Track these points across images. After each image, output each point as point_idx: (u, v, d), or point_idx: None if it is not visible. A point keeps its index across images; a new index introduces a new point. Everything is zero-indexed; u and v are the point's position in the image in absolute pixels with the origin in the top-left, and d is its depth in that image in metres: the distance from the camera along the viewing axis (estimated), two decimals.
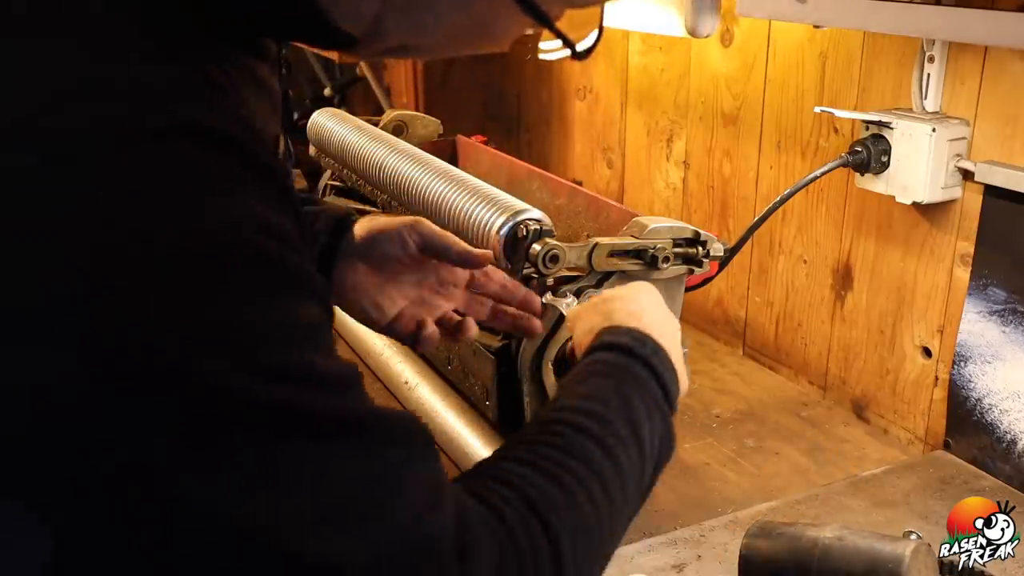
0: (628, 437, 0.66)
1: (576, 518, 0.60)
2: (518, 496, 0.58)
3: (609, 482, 0.63)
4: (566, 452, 0.63)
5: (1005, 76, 1.13)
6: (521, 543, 0.56)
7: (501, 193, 1.14)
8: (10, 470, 0.44)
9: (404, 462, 0.52)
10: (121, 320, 0.43)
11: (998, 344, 1.17)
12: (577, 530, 0.59)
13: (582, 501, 0.61)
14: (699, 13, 1.34)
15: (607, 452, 0.64)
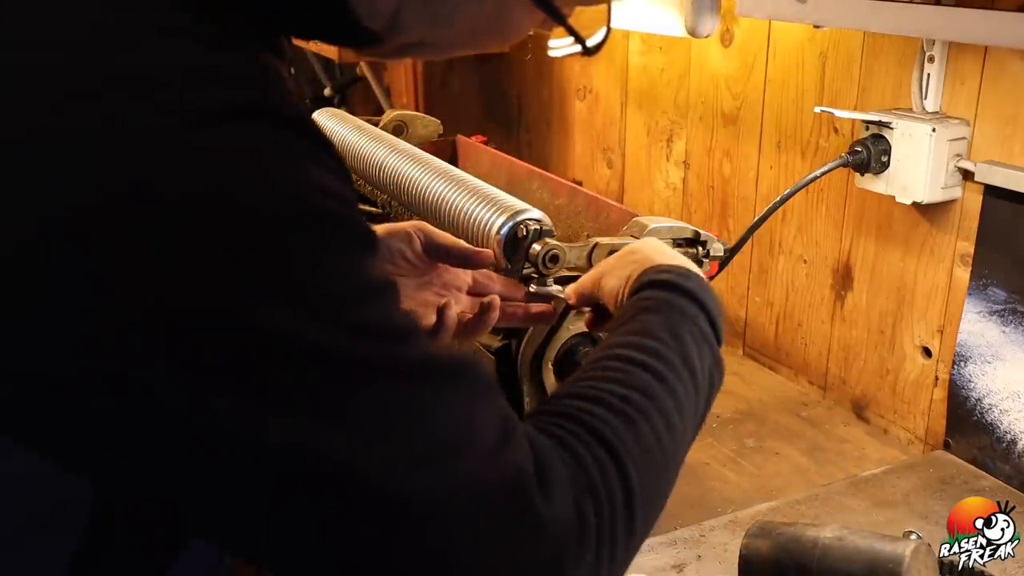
0: (682, 369, 0.68)
1: (641, 449, 0.61)
2: (586, 430, 0.60)
3: (669, 413, 0.65)
4: (627, 385, 0.64)
5: (1005, 76, 1.13)
6: (593, 474, 0.58)
7: (501, 193, 1.14)
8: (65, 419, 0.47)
9: (472, 400, 0.54)
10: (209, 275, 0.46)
11: (998, 344, 1.17)
12: (643, 460, 0.61)
13: (645, 432, 0.62)
14: (699, 13, 1.34)
15: (665, 384, 0.66)
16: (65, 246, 0.45)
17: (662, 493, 0.65)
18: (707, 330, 0.73)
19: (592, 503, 0.57)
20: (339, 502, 0.49)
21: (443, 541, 0.51)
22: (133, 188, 0.45)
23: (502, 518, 0.52)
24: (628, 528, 0.59)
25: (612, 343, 0.70)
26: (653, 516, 0.63)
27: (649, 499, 0.61)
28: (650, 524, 0.63)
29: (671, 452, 0.64)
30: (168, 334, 0.46)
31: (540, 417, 0.61)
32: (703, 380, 0.70)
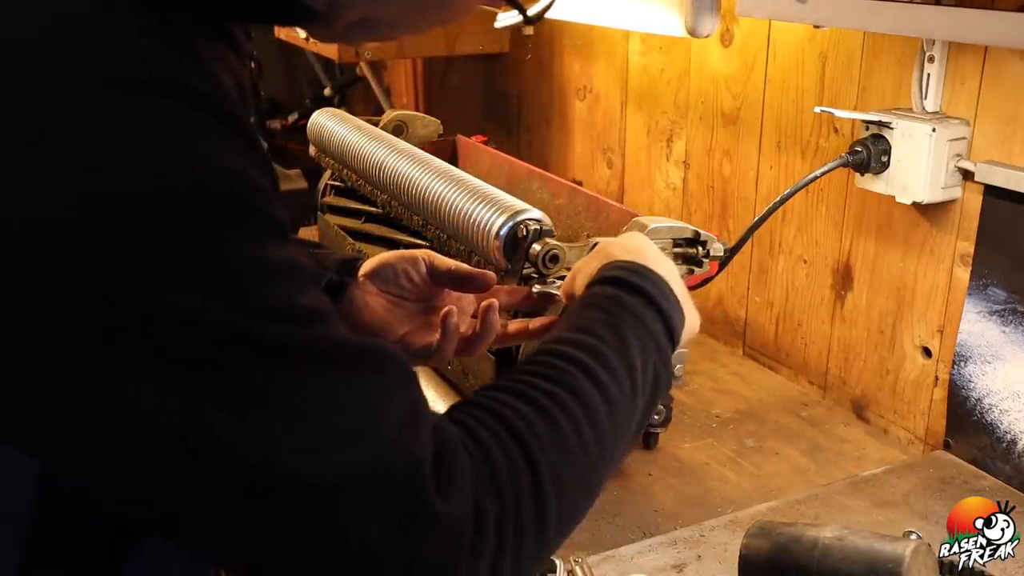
0: (619, 367, 0.67)
1: (559, 447, 0.61)
2: (501, 425, 0.60)
3: (597, 412, 0.64)
4: (552, 380, 0.64)
5: (1005, 76, 1.13)
6: (500, 470, 0.57)
7: (501, 193, 1.14)
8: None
9: (381, 387, 0.54)
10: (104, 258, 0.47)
11: (998, 344, 1.17)
12: (559, 455, 0.60)
13: (564, 427, 0.62)
14: (699, 13, 1.34)
15: (597, 382, 0.65)
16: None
17: (584, 491, 0.64)
18: (656, 328, 0.72)
19: (495, 499, 0.56)
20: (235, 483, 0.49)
21: (337, 525, 0.51)
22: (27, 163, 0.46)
23: (395, 508, 0.52)
24: (537, 526, 0.59)
25: (551, 339, 0.70)
26: (573, 514, 0.63)
27: (565, 498, 0.61)
28: (569, 521, 0.63)
29: (596, 451, 0.64)
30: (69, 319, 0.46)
31: (462, 409, 0.61)
32: (645, 379, 0.69)
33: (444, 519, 0.54)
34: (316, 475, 0.50)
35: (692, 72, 1.64)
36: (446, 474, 0.55)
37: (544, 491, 0.59)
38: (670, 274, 0.77)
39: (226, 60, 0.59)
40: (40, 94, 0.47)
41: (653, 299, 0.73)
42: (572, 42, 1.96)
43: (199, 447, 0.48)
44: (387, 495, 0.52)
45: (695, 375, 1.50)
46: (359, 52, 2.04)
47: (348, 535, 0.51)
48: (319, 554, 0.51)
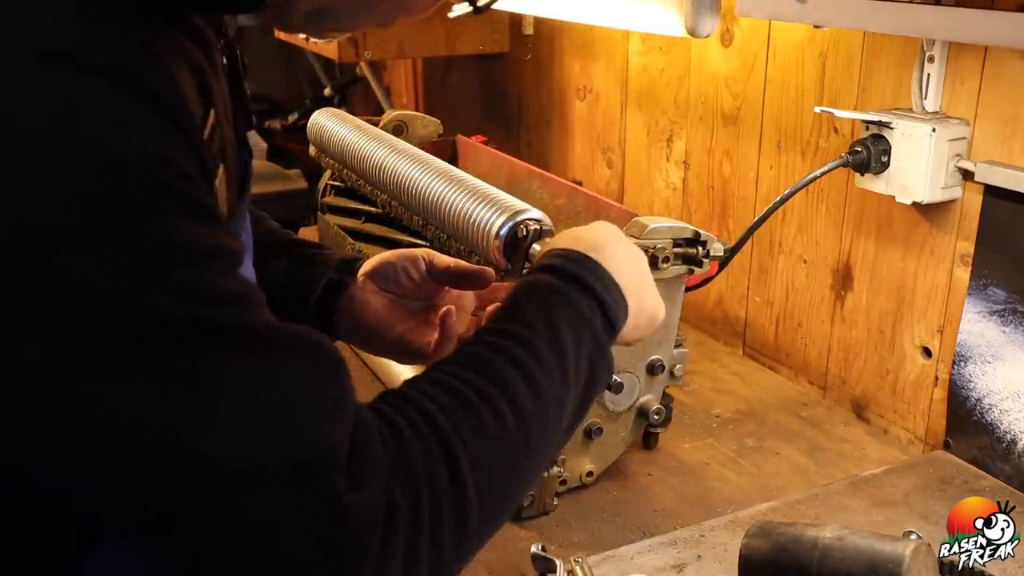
0: (550, 358, 0.67)
1: (481, 438, 0.61)
2: (419, 413, 0.60)
3: (523, 405, 0.64)
4: (478, 373, 0.64)
5: (1005, 76, 1.13)
6: (415, 458, 0.58)
7: (501, 193, 1.14)
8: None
9: (301, 374, 0.54)
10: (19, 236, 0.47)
11: (998, 344, 1.17)
12: (481, 450, 0.60)
13: (486, 417, 0.62)
14: (699, 13, 1.34)
15: (524, 374, 0.65)
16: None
17: (509, 488, 0.64)
18: (592, 318, 0.71)
19: (409, 494, 0.56)
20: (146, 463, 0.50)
21: (246, 509, 0.51)
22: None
23: (302, 497, 0.52)
24: (457, 520, 0.59)
25: (484, 328, 0.70)
26: (498, 511, 0.63)
27: (488, 494, 0.61)
28: (494, 518, 0.63)
29: (522, 444, 0.63)
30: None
31: (386, 400, 0.62)
32: (578, 370, 0.69)
33: (351, 513, 0.53)
34: (226, 457, 0.50)
35: (692, 72, 1.64)
36: (360, 465, 0.55)
37: (464, 488, 0.59)
38: (623, 264, 0.75)
39: (186, 53, 0.59)
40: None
41: (590, 287, 0.72)
42: (572, 42, 1.96)
43: (112, 425, 0.49)
44: (296, 483, 0.52)
45: (695, 375, 1.50)
46: (359, 52, 2.04)
47: (256, 519, 0.52)
48: (229, 536, 0.52)
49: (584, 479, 1.17)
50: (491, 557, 1.05)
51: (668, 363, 1.17)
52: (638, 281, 0.77)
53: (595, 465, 1.18)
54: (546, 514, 1.13)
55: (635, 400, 1.17)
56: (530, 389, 0.65)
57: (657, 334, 1.15)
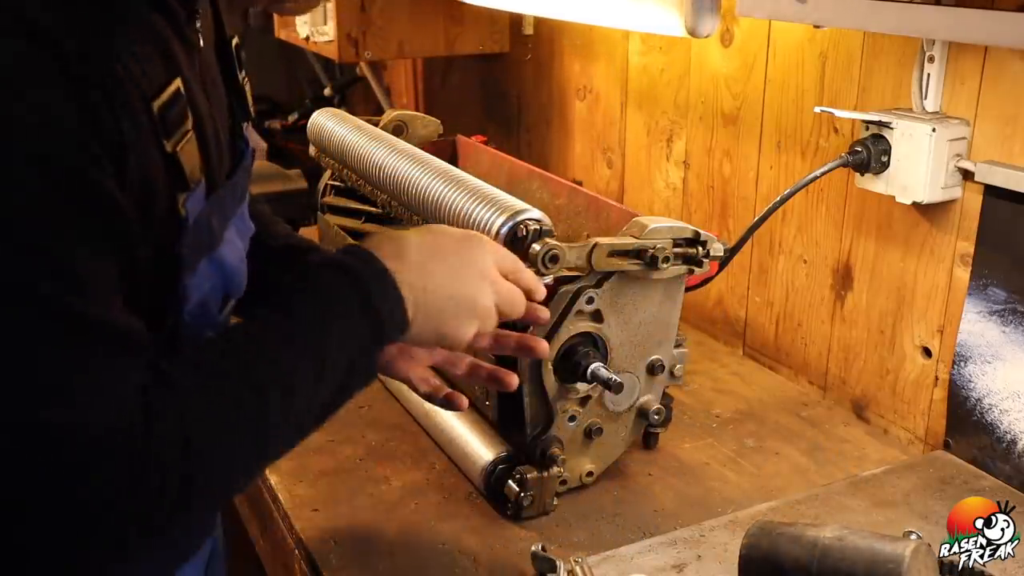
0: (302, 348, 0.70)
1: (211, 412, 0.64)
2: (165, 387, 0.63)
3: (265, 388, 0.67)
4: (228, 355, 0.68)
5: (1005, 76, 1.13)
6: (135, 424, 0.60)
7: (501, 193, 1.14)
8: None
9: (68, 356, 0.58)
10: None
11: (998, 344, 1.17)
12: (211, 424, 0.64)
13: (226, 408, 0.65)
14: (699, 13, 1.34)
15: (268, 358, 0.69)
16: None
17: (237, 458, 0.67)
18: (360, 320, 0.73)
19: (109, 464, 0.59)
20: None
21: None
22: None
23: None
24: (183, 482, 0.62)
25: (255, 313, 0.73)
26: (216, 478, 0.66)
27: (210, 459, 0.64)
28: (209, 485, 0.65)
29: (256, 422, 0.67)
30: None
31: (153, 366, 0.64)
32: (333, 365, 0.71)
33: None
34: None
35: (692, 72, 1.64)
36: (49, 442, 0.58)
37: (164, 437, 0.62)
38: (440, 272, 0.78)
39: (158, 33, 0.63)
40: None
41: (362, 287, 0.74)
42: (572, 42, 1.96)
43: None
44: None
45: (695, 375, 1.50)
46: (359, 52, 2.04)
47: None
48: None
49: (584, 479, 1.17)
50: (491, 557, 1.05)
51: (668, 363, 1.17)
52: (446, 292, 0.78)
53: (595, 465, 1.18)
54: (546, 514, 1.13)
55: (635, 400, 1.17)
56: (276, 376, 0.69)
57: (657, 334, 1.15)
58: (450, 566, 1.04)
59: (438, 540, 1.09)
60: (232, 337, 0.71)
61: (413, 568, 1.04)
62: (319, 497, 1.17)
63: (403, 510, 1.14)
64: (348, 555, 1.06)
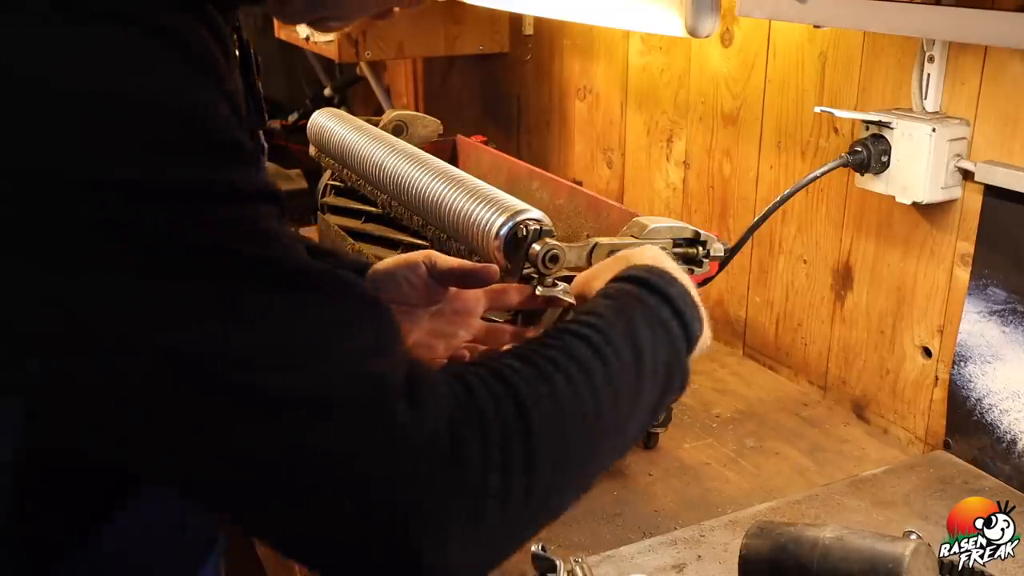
0: (624, 348, 0.67)
1: (554, 401, 0.60)
2: (488, 370, 0.60)
3: (596, 379, 0.64)
4: (554, 348, 0.64)
5: (1005, 76, 1.13)
6: (485, 408, 0.57)
7: (501, 193, 1.14)
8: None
9: (344, 312, 0.55)
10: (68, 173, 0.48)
11: (998, 344, 1.17)
12: (554, 412, 0.60)
13: (559, 382, 0.61)
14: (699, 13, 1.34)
15: (597, 353, 0.65)
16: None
17: (578, 458, 0.63)
18: (671, 326, 0.72)
19: (478, 434, 0.56)
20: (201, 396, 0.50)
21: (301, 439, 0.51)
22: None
23: (361, 419, 0.52)
24: (526, 471, 0.57)
25: (559, 323, 0.70)
26: (565, 479, 0.61)
27: (557, 457, 0.60)
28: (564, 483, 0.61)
29: (593, 416, 0.63)
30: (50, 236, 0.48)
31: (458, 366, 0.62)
32: (653, 366, 0.69)
33: (411, 436, 0.53)
34: (276, 388, 0.51)
35: (692, 72, 1.64)
36: (418, 398, 0.55)
37: (533, 438, 0.58)
38: (691, 286, 0.78)
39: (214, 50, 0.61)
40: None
41: (670, 300, 0.74)
42: (572, 42, 1.96)
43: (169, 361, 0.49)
44: (353, 409, 0.52)
45: (695, 375, 1.48)
46: (359, 52, 2.04)
47: (313, 449, 0.51)
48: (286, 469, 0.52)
49: None
50: None
51: None
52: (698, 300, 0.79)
53: None
54: None
55: None
56: (605, 372, 0.65)
57: None
58: None
59: None
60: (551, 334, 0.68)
61: None
62: None
63: None
64: None
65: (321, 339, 0.53)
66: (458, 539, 0.54)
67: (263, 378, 0.51)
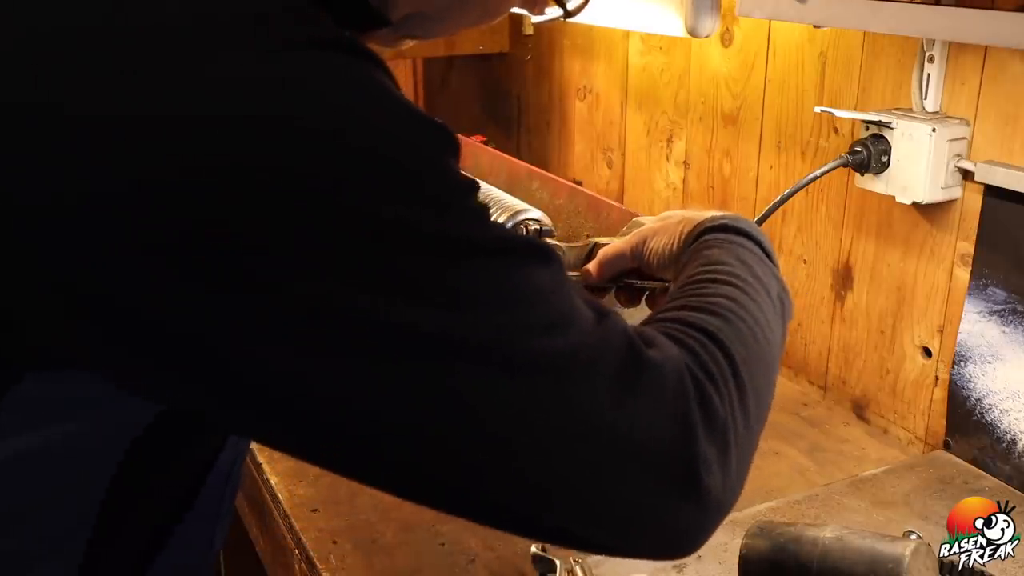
0: (757, 287, 0.69)
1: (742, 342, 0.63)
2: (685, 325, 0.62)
3: (758, 318, 0.66)
4: (714, 296, 0.66)
5: (1005, 76, 1.13)
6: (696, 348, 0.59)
7: (501, 193, 1.14)
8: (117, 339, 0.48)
9: (561, 276, 0.56)
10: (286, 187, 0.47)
11: (998, 344, 1.17)
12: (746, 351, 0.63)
13: (743, 329, 0.64)
14: (699, 13, 1.34)
15: (748, 295, 0.67)
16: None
17: (767, 389, 0.66)
18: (768, 262, 0.75)
19: (703, 373, 0.58)
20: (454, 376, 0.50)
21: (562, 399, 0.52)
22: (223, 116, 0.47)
23: (621, 370, 0.54)
24: (743, 410, 0.61)
25: (684, 278, 0.71)
26: (762, 412, 0.66)
27: (756, 391, 0.63)
28: (760, 421, 0.66)
29: (768, 352, 0.66)
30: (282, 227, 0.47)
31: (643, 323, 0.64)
32: (775, 300, 0.71)
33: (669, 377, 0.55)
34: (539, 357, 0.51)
35: (692, 72, 1.64)
36: (655, 345, 0.57)
37: (741, 377, 0.61)
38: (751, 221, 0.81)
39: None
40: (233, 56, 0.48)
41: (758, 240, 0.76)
42: (572, 42, 1.96)
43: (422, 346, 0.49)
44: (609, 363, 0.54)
45: None
46: None
47: (575, 408, 0.52)
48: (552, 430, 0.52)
49: None
50: (491, 557, 1.05)
51: None
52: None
53: None
54: None
55: None
56: (758, 308, 0.67)
57: None
58: (450, 566, 1.04)
59: (438, 540, 1.09)
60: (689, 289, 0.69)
61: (413, 568, 1.04)
62: (319, 497, 1.17)
63: (403, 510, 1.14)
64: (348, 555, 1.06)
65: (560, 309, 0.54)
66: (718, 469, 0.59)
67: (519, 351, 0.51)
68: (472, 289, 0.51)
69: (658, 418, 0.55)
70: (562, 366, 0.52)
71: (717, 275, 0.69)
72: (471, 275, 0.51)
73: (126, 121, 0.46)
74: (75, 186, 0.45)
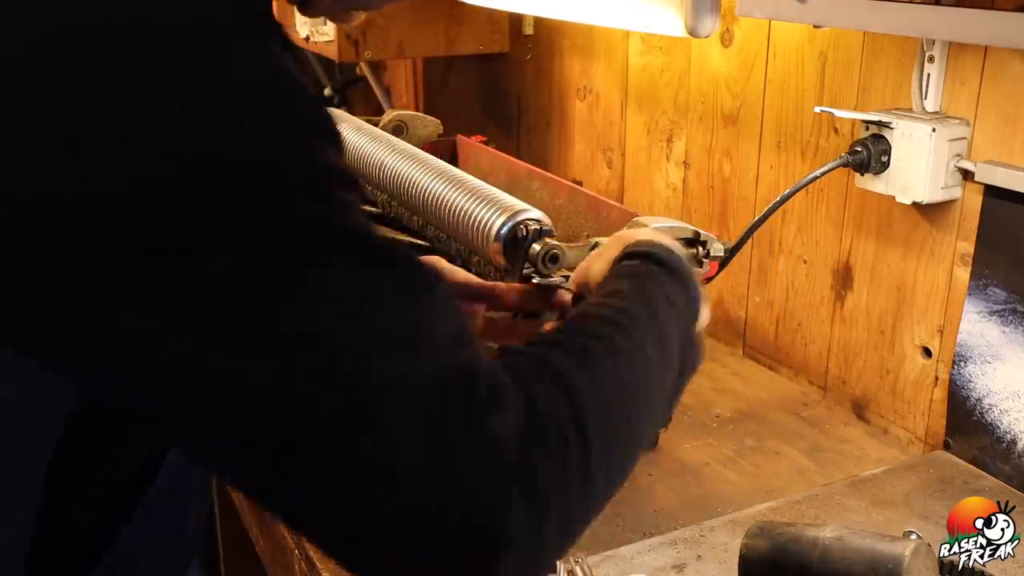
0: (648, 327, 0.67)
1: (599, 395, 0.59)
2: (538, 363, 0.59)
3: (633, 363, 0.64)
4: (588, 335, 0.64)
5: (1005, 76, 1.13)
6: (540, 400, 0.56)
7: (501, 193, 1.14)
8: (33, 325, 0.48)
9: (437, 300, 0.54)
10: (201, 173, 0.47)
11: (998, 344, 1.17)
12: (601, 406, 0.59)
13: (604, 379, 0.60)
14: (699, 13, 1.34)
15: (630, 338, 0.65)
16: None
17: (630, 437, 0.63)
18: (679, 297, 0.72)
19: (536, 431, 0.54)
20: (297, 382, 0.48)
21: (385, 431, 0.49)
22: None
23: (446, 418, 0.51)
24: (582, 468, 0.57)
25: (581, 307, 0.70)
26: (615, 461, 0.62)
27: (610, 442, 0.60)
28: (614, 476, 0.62)
29: (632, 404, 0.63)
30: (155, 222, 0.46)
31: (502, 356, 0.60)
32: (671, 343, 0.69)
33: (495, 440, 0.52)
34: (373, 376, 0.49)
35: (692, 72, 1.64)
36: (495, 395, 0.53)
37: (587, 432, 0.57)
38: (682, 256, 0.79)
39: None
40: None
41: (674, 270, 0.74)
42: (572, 42, 1.96)
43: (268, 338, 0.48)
44: (440, 403, 0.51)
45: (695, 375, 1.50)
46: (359, 52, 2.04)
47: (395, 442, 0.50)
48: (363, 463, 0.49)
49: None
50: None
51: None
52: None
53: None
54: None
55: None
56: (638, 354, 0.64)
57: None
58: None
59: None
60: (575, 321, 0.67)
61: None
62: None
63: None
64: None
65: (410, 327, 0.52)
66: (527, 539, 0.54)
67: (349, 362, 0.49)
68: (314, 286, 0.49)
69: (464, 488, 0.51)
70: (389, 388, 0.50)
71: (603, 311, 0.67)
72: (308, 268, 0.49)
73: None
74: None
